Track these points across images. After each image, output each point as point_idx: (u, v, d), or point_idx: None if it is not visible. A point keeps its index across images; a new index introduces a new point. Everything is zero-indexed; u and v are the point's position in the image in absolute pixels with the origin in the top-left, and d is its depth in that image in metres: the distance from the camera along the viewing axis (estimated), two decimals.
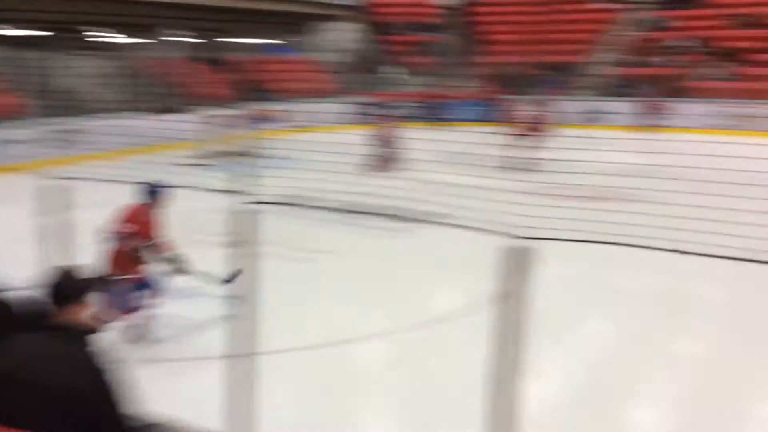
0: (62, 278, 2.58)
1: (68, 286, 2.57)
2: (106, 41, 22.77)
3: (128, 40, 23.80)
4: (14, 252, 6.26)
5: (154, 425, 2.73)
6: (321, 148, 9.62)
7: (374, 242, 9.53)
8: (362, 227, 10.14)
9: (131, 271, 5.84)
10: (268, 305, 4.51)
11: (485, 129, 15.73)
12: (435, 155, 12.43)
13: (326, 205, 11.03)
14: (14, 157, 14.97)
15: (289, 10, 25.85)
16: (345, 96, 24.62)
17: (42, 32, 20.66)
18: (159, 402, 3.05)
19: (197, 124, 17.04)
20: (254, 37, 27.45)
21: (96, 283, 2.72)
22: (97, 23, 21.59)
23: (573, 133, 19.48)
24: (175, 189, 6.22)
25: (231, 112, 18.99)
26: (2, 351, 2.34)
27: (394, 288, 7.65)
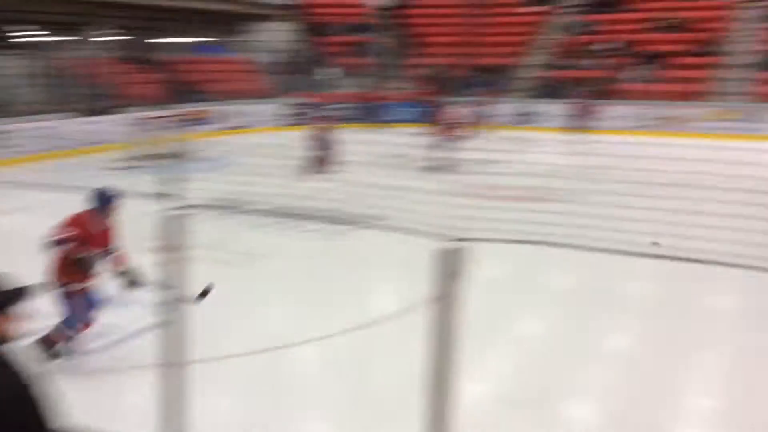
0: None
1: None
2: (31, 40, 21.97)
3: (54, 39, 23.03)
4: None
5: None
6: (255, 150, 9.54)
7: (309, 245, 9.49)
8: (297, 230, 10.08)
9: (76, 281, 5.47)
10: (202, 311, 4.44)
11: (420, 130, 15.89)
12: (370, 157, 12.47)
13: (260, 208, 10.92)
14: None
15: (222, 9, 25.50)
16: (279, 97, 24.44)
17: None
18: (89, 414, 2.97)
19: (126, 126, 16.65)
20: (186, 36, 26.96)
21: (20, 294, 2.61)
22: (21, 21, 20.81)
23: (504, 135, 19.88)
24: (124, 195, 5.87)
25: (161, 113, 18.65)
26: None
27: (330, 291, 7.64)
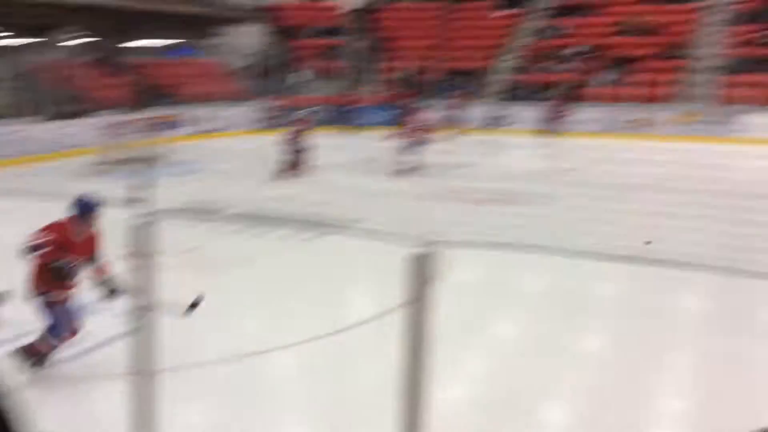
0: None
1: None
2: None
3: (21, 42, 22.69)
4: None
5: None
6: (226, 154, 9.46)
7: (282, 250, 9.44)
8: (270, 235, 10.02)
9: (55, 290, 5.33)
10: (173, 318, 4.39)
11: (392, 133, 15.91)
12: (343, 160, 12.46)
13: (232, 213, 10.84)
14: None
15: (193, 12, 25.31)
16: (251, 100, 24.32)
17: None
18: (60, 423, 2.92)
19: (96, 130, 16.44)
20: (156, 39, 26.73)
21: None
22: None
23: (476, 138, 19.99)
24: (104, 202, 5.76)
25: (132, 117, 18.44)
26: None
27: (303, 296, 7.62)
